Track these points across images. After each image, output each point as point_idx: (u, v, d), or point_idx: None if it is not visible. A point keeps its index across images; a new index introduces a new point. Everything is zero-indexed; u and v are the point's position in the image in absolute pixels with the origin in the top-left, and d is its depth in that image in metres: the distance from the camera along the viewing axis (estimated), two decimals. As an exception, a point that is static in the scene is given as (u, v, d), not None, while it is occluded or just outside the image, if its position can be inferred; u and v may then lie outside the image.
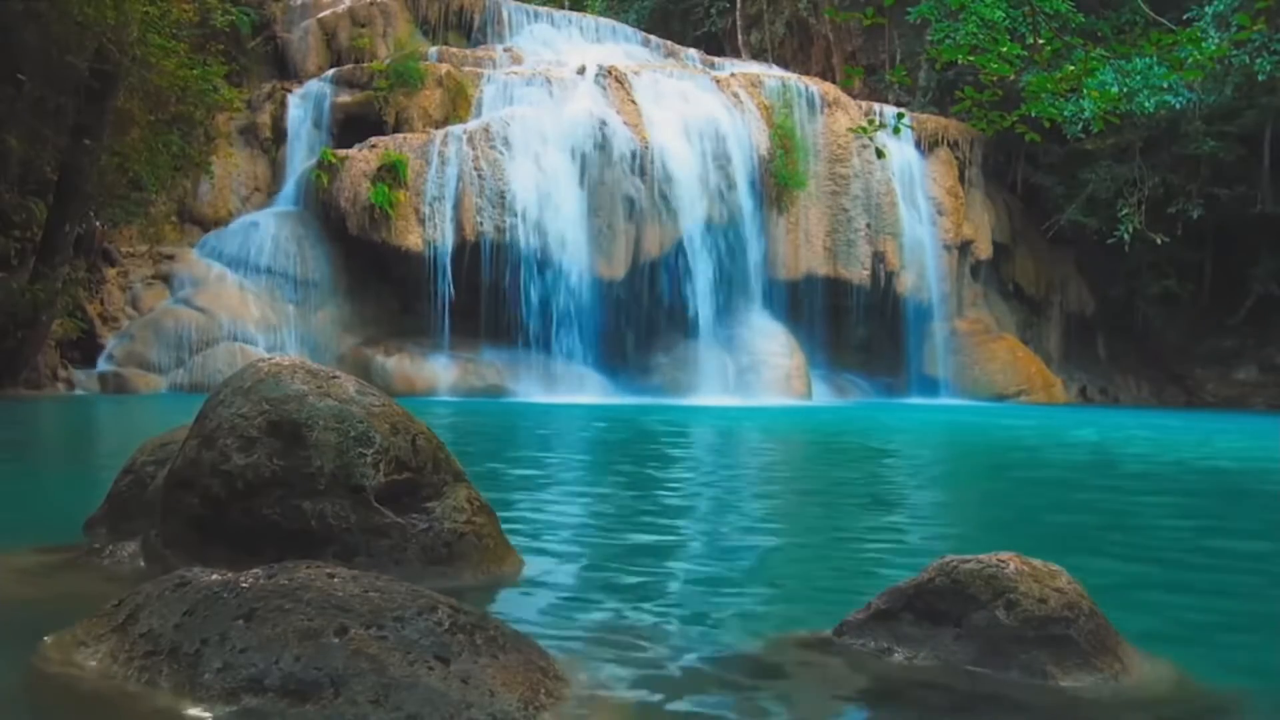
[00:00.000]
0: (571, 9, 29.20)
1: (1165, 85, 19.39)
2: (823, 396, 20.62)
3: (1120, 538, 5.07)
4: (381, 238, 18.31)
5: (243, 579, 2.30)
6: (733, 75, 22.17)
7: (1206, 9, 19.33)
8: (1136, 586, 3.79)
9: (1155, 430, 14.09)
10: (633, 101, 19.99)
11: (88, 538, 3.75)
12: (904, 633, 2.59)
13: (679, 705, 2.29)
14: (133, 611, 2.31)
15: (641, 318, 19.98)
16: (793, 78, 22.86)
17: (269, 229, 18.62)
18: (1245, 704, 2.48)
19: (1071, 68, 7.67)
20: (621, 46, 23.51)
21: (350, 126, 19.69)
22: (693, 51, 24.99)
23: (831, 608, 2.99)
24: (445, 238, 18.38)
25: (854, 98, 23.35)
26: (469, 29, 22.85)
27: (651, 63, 22.48)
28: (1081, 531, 5.19)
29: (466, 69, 20.70)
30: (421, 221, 18.36)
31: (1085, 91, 8.67)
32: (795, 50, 29.52)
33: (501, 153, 18.81)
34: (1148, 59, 16.15)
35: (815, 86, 22.45)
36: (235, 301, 17.63)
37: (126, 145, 15.17)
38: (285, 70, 21.15)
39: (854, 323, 22.53)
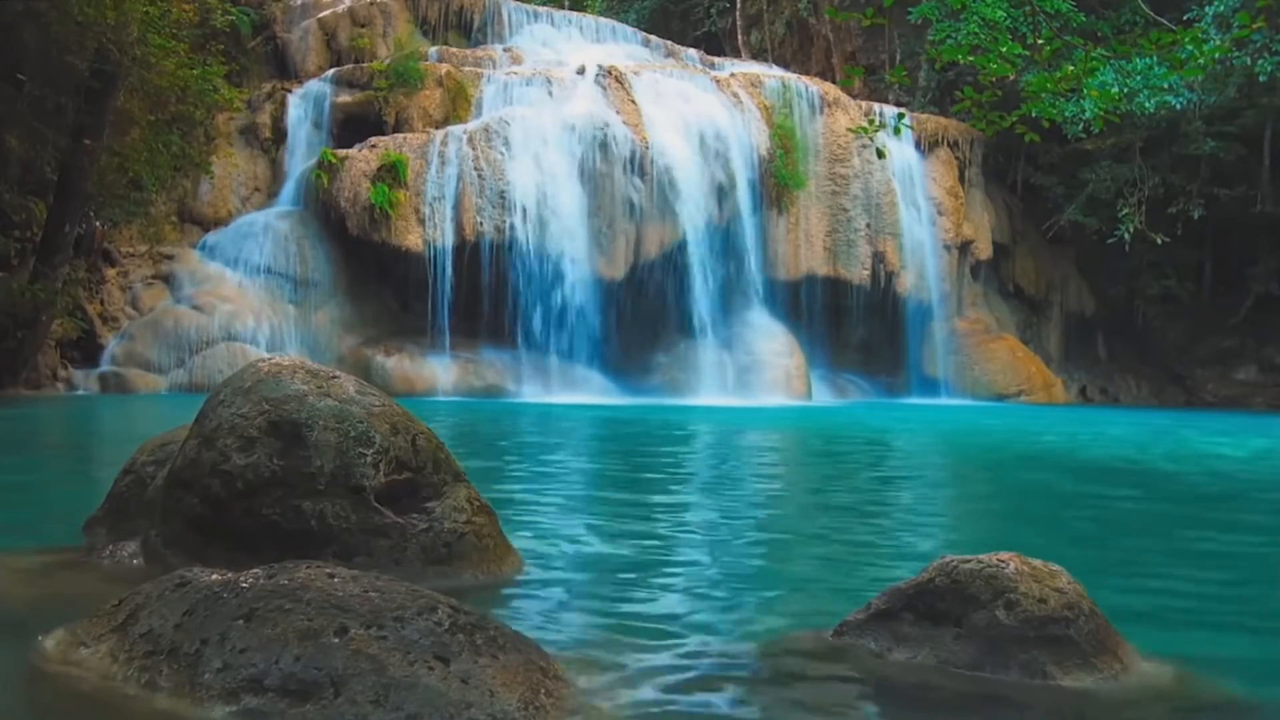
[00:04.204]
0: (571, 9, 29.20)
1: (1165, 85, 19.38)
2: (823, 396, 20.62)
3: (1120, 537, 5.07)
4: (381, 238, 18.31)
5: (243, 579, 2.30)
6: (733, 75, 22.16)
7: (1207, 9, 19.32)
8: (1137, 586, 3.79)
9: (1156, 430, 14.08)
10: (633, 101, 19.99)
11: (88, 538, 3.74)
12: (904, 633, 2.59)
13: (679, 705, 2.29)
14: (133, 611, 2.31)
15: (641, 318, 19.96)
16: (793, 78, 22.86)
17: (269, 229, 18.62)
18: (1245, 704, 2.48)
19: (1071, 68, 7.67)
20: (621, 46, 23.51)
21: (350, 126, 19.68)
22: (693, 51, 24.99)
23: (831, 608, 2.99)
24: (445, 238, 18.38)
25: (854, 98, 23.35)
26: (469, 29, 22.85)
27: (651, 63, 22.47)
28: (1082, 531, 5.19)
29: (466, 69, 20.70)
30: (421, 221, 18.36)
31: (1085, 91, 8.67)
32: (795, 50, 29.52)
33: (501, 153, 18.81)
34: (1148, 59, 16.15)
35: (815, 86, 22.45)
36: (235, 302, 17.63)
37: (126, 145, 15.16)
38: (285, 70, 21.14)
39: (854, 323, 22.52)
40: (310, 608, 2.18)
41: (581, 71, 20.59)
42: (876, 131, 8.67)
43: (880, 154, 11.54)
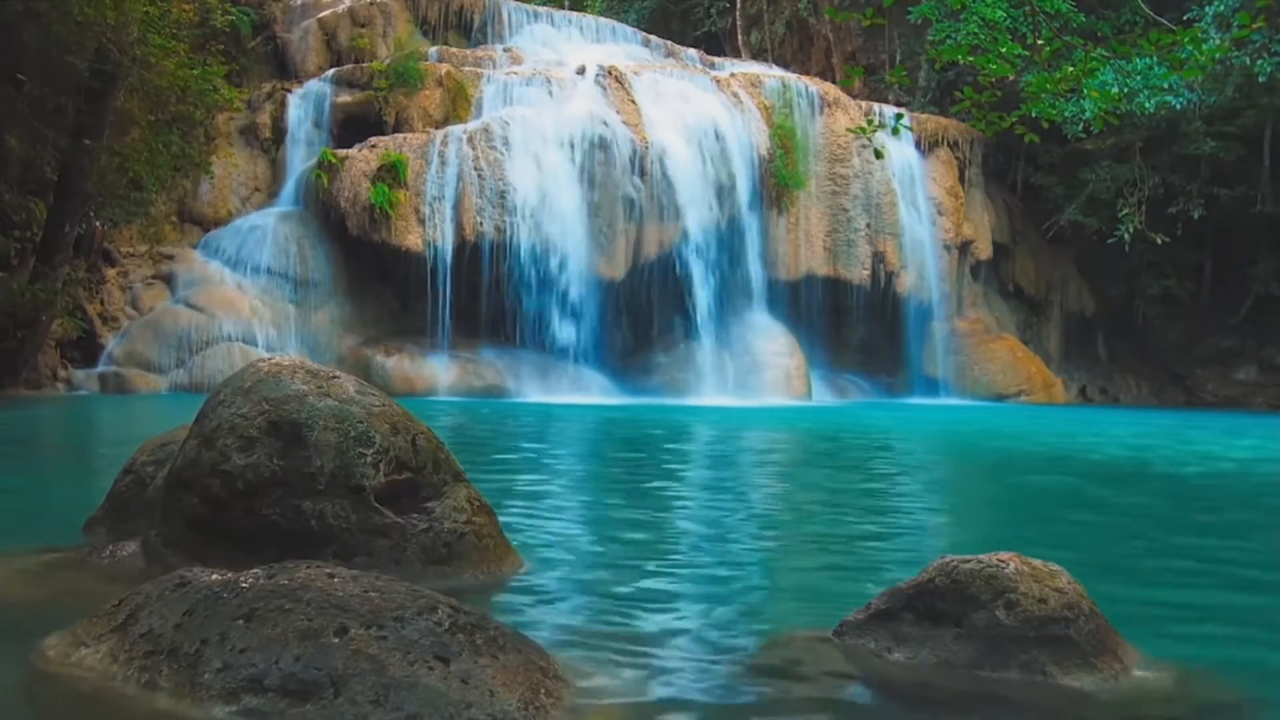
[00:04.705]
0: (571, 9, 29.20)
1: (1165, 85, 19.38)
2: (823, 396, 20.62)
3: (1120, 538, 5.07)
4: (381, 238, 18.31)
5: (243, 579, 2.30)
6: (733, 75, 22.16)
7: (1207, 9, 19.32)
8: (1137, 586, 3.79)
9: (1156, 430, 14.08)
10: (633, 101, 19.99)
11: (88, 538, 3.75)
12: (904, 633, 2.59)
13: (679, 705, 2.29)
14: (133, 611, 2.31)
15: (641, 318, 19.97)
16: (793, 78, 22.85)
17: (269, 229, 18.62)
18: (1245, 704, 2.48)
19: (1071, 68, 7.67)
20: (621, 46, 23.50)
21: (350, 126, 19.68)
22: (693, 51, 24.98)
23: (831, 608, 2.99)
24: (445, 238, 18.38)
25: (854, 98, 23.34)
26: (469, 29, 22.85)
27: (651, 63, 22.47)
28: (1081, 531, 5.19)
29: (466, 69, 20.70)
30: (421, 221, 18.36)
31: (1085, 91, 8.67)
32: (795, 50, 29.52)
33: (501, 153, 18.81)
34: (1148, 59, 16.15)
35: (815, 86, 22.44)
36: (235, 301, 17.62)
37: (126, 145, 15.16)
38: (285, 70, 21.14)
39: (854, 323, 22.52)
40: (310, 608, 2.18)
41: (581, 71, 20.59)
42: (875, 131, 8.66)
43: (878, 154, 11.56)
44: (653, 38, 25.09)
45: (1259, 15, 7.94)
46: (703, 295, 19.78)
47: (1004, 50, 8.42)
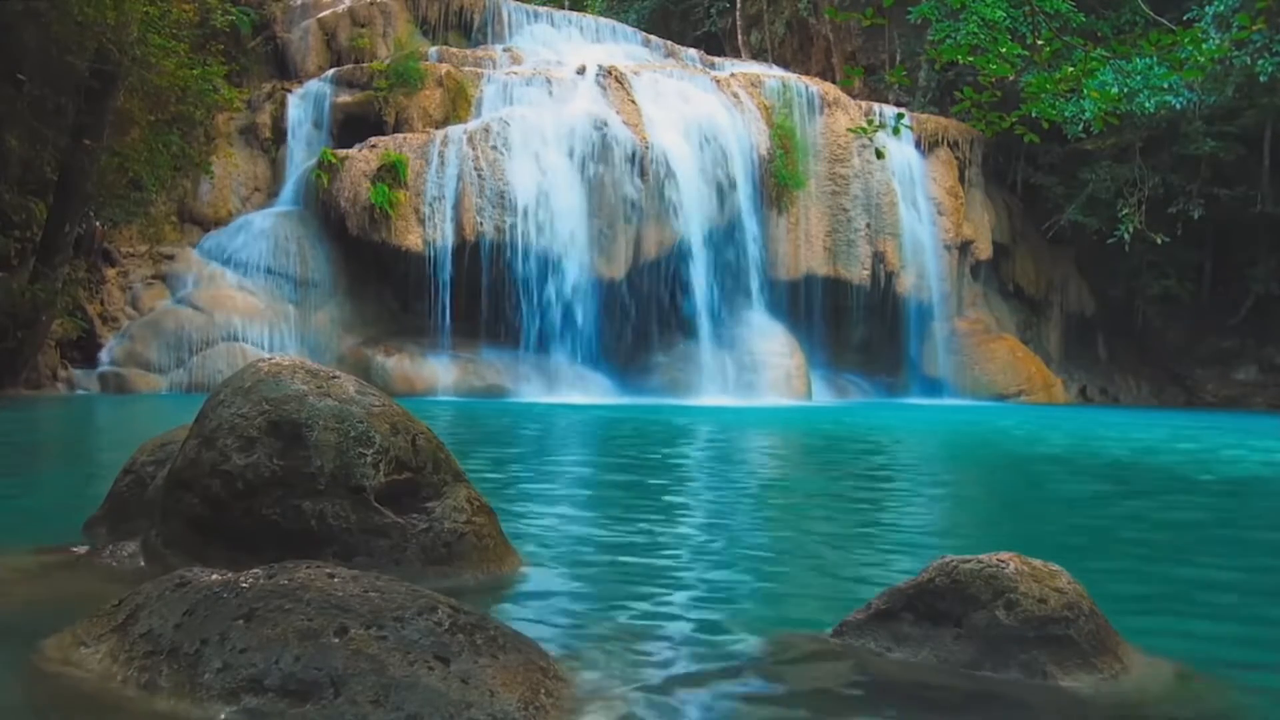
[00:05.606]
0: (571, 9, 29.21)
1: (1165, 85, 19.38)
2: (823, 396, 20.62)
3: (1120, 537, 5.07)
4: (381, 238, 18.31)
5: (243, 579, 2.30)
6: (733, 75, 22.17)
7: (1207, 9, 19.32)
8: (1137, 586, 3.79)
9: (1157, 430, 14.08)
10: (633, 101, 19.99)
11: (88, 538, 3.75)
12: (904, 633, 2.59)
13: (679, 705, 2.29)
14: (133, 611, 2.31)
15: (641, 318, 19.97)
16: (793, 78, 22.86)
17: (269, 229, 18.62)
18: (1245, 704, 2.48)
19: (1071, 68, 7.67)
20: (621, 46, 23.51)
21: (350, 126, 19.69)
22: (693, 51, 24.99)
23: (831, 608, 2.99)
24: (445, 238, 18.38)
25: (854, 98, 23.35)
26: (469, 29, 22.86)
27: (651, 63, 22.48)
28: (1081, 531, 5.19)
29: (466, 69, 20.70)
30: (421, 221, 18.36)
31: (1085, 91, 8.67)
32: (795, 50, 29.52)
33: (501, 153, 18.81)
34: (1148, 59, 16.15)
35: (815, 86, 22.45)
36: (235, 301, 17.63)
37: (126, 145, 15.17)
38: (285, 70, 21.15)
39: (854, 323, 22.53)
40: (310, 608, 2.18)
41: (581, 71, 20.59)
42: (876, 131, 8.66)
43: (879, 154, 11.55)
44: (653, 38, 25.10)
45: (1259, 16, 7.95)
46: (702, 295, 19.79)
47: (1004, 50, 8.43)
